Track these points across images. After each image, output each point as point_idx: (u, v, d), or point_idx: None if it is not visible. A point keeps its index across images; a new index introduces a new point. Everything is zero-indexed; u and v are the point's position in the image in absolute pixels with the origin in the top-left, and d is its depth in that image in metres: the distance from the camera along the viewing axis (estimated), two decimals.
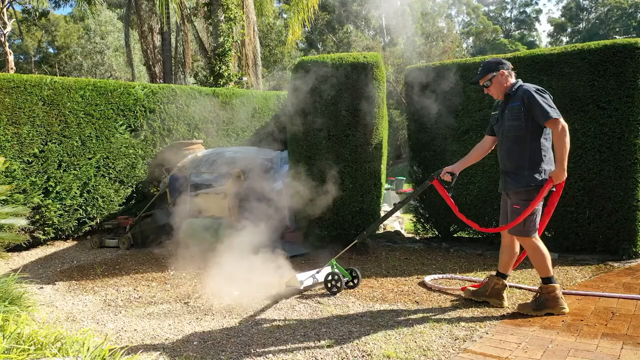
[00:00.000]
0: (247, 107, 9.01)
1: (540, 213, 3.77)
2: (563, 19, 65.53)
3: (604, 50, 5.16)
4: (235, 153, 7.52)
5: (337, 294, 4.42)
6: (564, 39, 61.80)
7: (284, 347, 3.32)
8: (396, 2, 35.34)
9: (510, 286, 4.54)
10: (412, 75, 6.38)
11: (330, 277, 4.47)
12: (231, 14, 11.83)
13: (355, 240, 4.62)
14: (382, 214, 7.17)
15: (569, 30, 64.00)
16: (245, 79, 13.17)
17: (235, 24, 11.97)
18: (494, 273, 4.17)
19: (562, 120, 3.53)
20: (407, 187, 16.08)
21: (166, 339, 3.53)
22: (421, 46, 31.15)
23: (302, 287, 4.46)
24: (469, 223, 4.12)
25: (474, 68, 5.88)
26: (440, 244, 6.28)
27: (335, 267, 4.54)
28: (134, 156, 7.60)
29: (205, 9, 12.79)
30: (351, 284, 4.66)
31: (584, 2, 64.70)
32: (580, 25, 63.27)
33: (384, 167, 6.39)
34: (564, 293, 4.26)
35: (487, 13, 64.26)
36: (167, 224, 6.70)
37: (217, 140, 8.60)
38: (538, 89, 3.67)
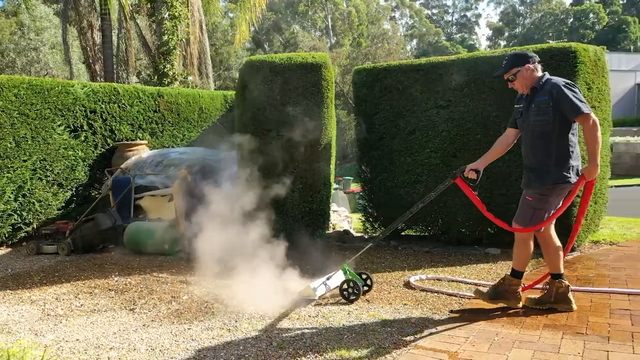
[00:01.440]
0: (194, 107, 8.83)
1: (550, 211, 3.64)
2: (501, 23, 68.26)
3: (541, 53, 5.32)
4: (182, 154, 7.36)
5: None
6: (502, 43, 64.37)
7: (236, 352, 3.27)
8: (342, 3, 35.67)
9: (457, 281, 4.66)
10: (359, 76, 6.45)
11: (346, 285, 4.17)
12: (175, 11, 11.56)
13: (370, 244, 4.48)
14: (331, 214, 7.21)
15: (507, 34, 66.73)
16: (190, 78, 12.89)
17: (180, 21, 11.71)
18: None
19: (593, 115, 3.42)
20: (354, 187, 16.26)
21: (111, 348, 3.40)
22: (367, 48, 31.59)
23: (317, 297, 4.18)
24: (498, 223, 3.85)
25: (420, 69, 6.02)
26: (389, 242, 6.37)
27: (348, 272, 4.30)
28: (73, 158, 7.29)
29: (149, 5, 12.44)
30: (365, 288, 4.37)
31: (520, 7, 67.66)
32: (517, 30, 66.14)
33: (332, 167, 6.42)
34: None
35: (429, 16, 65.98)
36: (110, 228, 6.45)
37: (162, 141, 8.38)
38: (567, 83, 3.54)
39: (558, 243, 3.83)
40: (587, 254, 5.49)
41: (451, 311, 3.87)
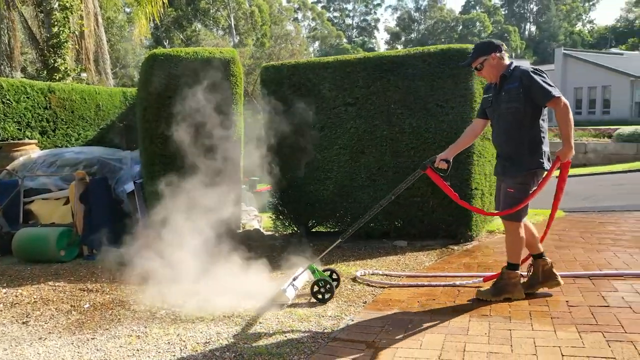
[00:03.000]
0: (90, 104, 8.26)
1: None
2: (398, 28, 71.41)
3: (441, 53, 5.67)
4: (78, 154, 6.86)
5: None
6: (399, 47, 67.35)
7: (147, 358, 3.09)
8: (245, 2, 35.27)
9: (375, 273, 4.76)
10: (268, 73, 6.39)
11: (320, 285, 3.97)
12: (66, 1, 10.73)
13: (339, 240, 4.20)
14: (241, 213, 7.08)
15: (403, 38, 69.96)
16: (84, 75, 12.06)
17: (72, 13, 10.89)
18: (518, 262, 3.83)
19: (563, 98, 3.45)
20: (262, 187, 16.08)
21: None
22: (270, 48, 31.56)
23: (290, 301, 3.94)
24: (474, 209, 3.80)
25: (328, 67, 6.08)
26: (300, 239, 6.37)
27: (317, 272, 4.12)
28: None
29: None
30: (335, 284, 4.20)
31: (415, 14, 71.23)
32: (413, 35, 69.59)
33: (242, 164, 6.31)
34: (415, 276, 4.60)
35: (331, 19, 67.40)
36: None
37: (54, 140, 7.75)
38: (535, 69, 3.58)
39: (531, 226, 3.87)
40: (484, 243, 5.85)
41: (365, 302, 3.95)
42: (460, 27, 65.36)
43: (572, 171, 3.91)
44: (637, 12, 64.94)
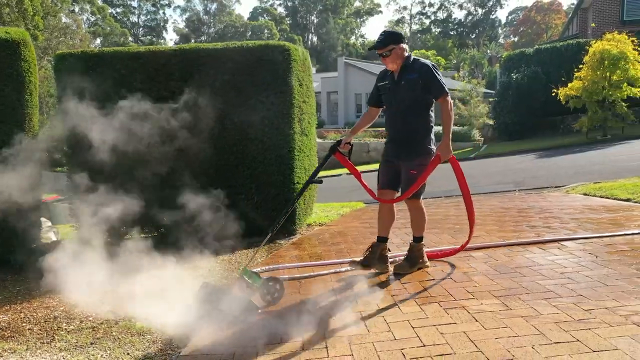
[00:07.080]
0: None
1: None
2: (187, 30, 70.09)
3: (260, 49, 5.65)
4: None
5: None
6: None
7: None
8: None
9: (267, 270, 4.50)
10: (66, 64, 5.57)
11: (270, 284, 3.62)
12: None
13: (269, 234, 3.88)
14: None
15: (193, 41, 68.92)
16: None
17: None
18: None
19: (449, 96, 3.80)
20: (48, 196, 14.08)
21: None
22: (46, 41, 28.00)
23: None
24: (370, 193, 3.97)
25: (139, 58, 5.60)
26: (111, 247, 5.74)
27: (254, 276, 3.64)
28: None
29: None
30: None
31: (204, 17, 70.79)
32: (203, 38, 69.04)
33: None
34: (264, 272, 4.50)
35: (114, 15, 62.85)
36: None
37: None
38: (434, 65, 3.85)
39: (395, 211, 4.18)
40: (306, 235, 6.03)
41: None
42: (250, 33, 67.07)
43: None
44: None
